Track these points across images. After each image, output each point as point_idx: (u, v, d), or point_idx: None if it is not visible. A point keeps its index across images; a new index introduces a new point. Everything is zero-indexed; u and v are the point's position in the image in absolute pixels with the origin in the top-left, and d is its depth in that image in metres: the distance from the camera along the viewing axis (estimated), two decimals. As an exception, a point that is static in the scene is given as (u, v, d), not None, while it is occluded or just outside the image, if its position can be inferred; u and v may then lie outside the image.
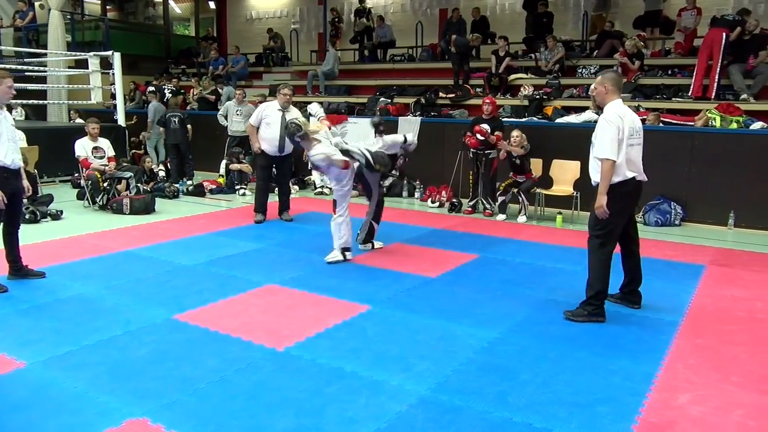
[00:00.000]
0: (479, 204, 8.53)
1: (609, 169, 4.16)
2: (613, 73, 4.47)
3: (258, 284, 5.02)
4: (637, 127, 4.33)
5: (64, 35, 14.07)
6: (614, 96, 4.27)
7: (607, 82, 4.28)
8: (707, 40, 9.17)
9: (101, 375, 3.36)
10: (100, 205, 8.27)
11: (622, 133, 4.14)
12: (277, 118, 7.38)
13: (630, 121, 4.23)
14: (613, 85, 4.28)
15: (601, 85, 4.31)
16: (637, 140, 4.30)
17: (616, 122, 4.15)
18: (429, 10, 15.08)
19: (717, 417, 3.02)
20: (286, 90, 7.55)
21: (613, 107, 4.23)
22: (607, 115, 4.20)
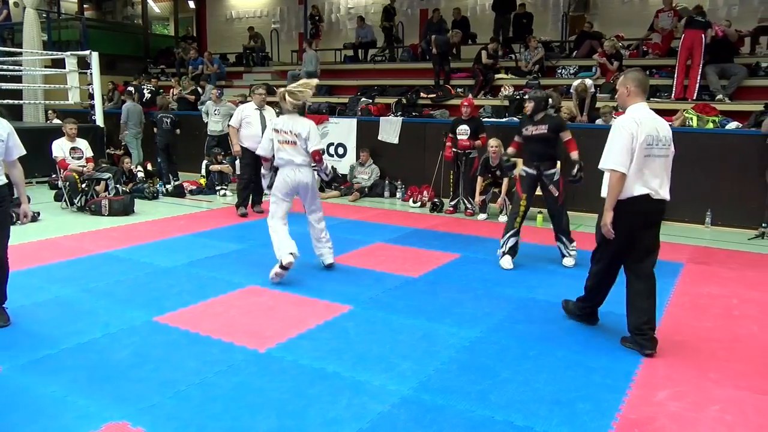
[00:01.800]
0: (460, 204, 8.57)
1: (616, 183, 3.64)
2: (637, 73, 3.87)
3: (239, 285, 4.99)
4: (662, 135, 3.68)
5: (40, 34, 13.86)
6: (638, 98, 3.77)
7: (630, 83, 3.77)
8: (686, 41, 9.31)
9: (80, 379, 3.31)
10: (79, 207, 8.17)
11: (636, 141, 3.59)
12: (256, 116, 7.86)
13: (650, 127, 3.64)
14: (637, 85, 3.76)
15: (623, 86, 3.81)
16: (659, 151, 3.67)
17: (630, 128, 3.61)
18: (410, 11, 15.11)
19: (694, 412, 3.07)
20: (261, 90, 8.04)
21: (633, 111, 3.73)
22: (621, 120, 3.73)
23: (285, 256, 4.95)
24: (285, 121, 5.20)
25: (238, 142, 8.01)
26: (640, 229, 3.75)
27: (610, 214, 3.69)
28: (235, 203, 8.25)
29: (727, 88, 9.17)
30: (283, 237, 5.11)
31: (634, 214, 3.69)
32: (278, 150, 5.20)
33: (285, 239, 5.09)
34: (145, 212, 8.16)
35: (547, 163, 5.68)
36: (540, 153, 5.66)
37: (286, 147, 5.16)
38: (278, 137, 5.19)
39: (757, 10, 10.74)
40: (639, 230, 3.75)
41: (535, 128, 5.64)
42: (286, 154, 5.17)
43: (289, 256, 4.95)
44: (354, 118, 10.55)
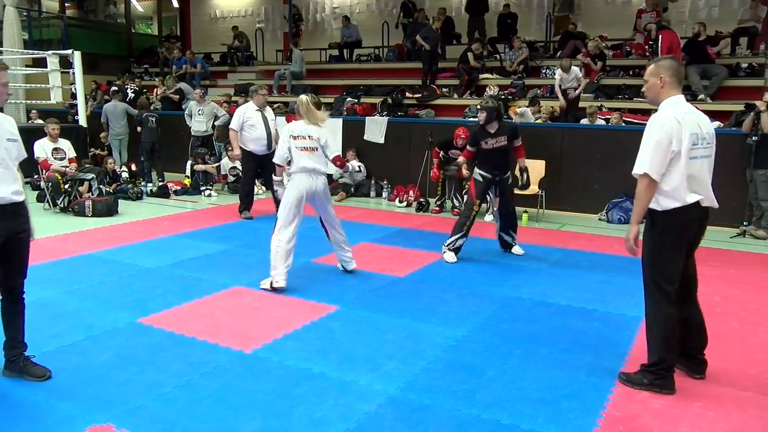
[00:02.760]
0: (447, 203, 8.58)
1: (646, 190, 3.17)
2: (671, 60, 3.28)
3: (224, 286, 4.97)
4: (704, 132, 3.17)
5: (21, 32, 13.68)
6: (673, 90, 3.19)
7: (664, 72, 3.17)
8: (664, 42, 9.42)
9: (62, 382, 3.27)
10: (62, 208, 8.08)
11: (679, 142, 3.07)
12: (258, 117, 7.62)
13: (693, 124, 3.12)
14: (672, 75, 3.18)
15: (655, 75, 3.20)
16: (704, 151, 3.17)
17: (670, 128, 3.07)
18: (395, 11, 15.10)
19: (677, 409, 3.10)
20: (264, 91, 7.83)
21: (670, 106, 3.17)
22: (658, 116, 3.16)
23: (279, 281, 4.79)
24: (302, 127, 4.95)
25: (239, 146, 7.73)
26: (692, 239, 3.26)
27: (635, 228, 3.24)
28: (238, 207, 8.02)
29: (708, 88, 9.28)
30: (284, 258, 4.81)
31: (686, 225, 3.19)
32: (299, 157, 4.90)
33: (284, 262, 4.81)
34: (129, 213, 8.09)
35: (504, 170, 5.98)
36: (500, 163, 5.93)
37: (306, 154, 4.90)
38: (297, 144, 4.91)
39: (737, 11, 10.87)
40: (692, 241, 3.27)
41: (495, 141, 5.83)
42: (309, 161, 4.90)
43: (283, 283, 4.79)
44: (340, 118, 10.53)
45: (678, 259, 3.21)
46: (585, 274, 5.53)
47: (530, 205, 8.13)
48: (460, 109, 10.67)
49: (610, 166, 8.25)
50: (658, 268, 3.24)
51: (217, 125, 10.75)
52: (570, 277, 5.40)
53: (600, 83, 10.34)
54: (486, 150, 5.84)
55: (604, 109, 9.36)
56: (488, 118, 5.78)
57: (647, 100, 3.41)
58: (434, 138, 8.98)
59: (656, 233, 3.23)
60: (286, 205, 4.91)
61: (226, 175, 10.22)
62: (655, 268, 3.25)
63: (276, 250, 4.83)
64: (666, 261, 3.21)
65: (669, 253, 3.20)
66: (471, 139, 5.98)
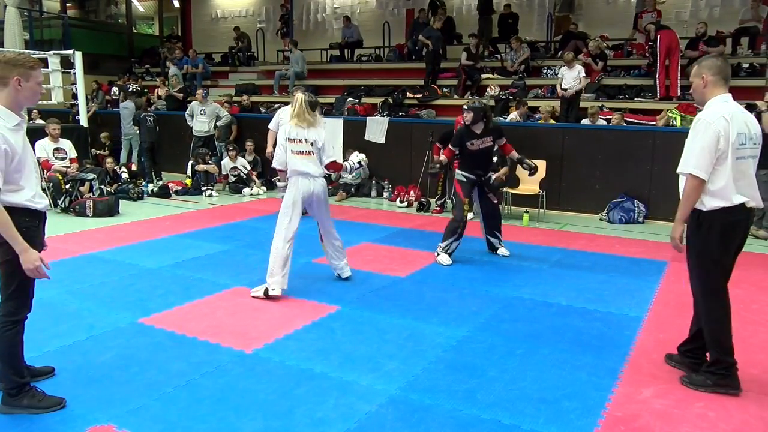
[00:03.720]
0: (447, 203, 8.58)
1: (693, 190, 3.11)
2: (714, 59, 3.24)
3: (225, 286, 4.97)
4: (752, 132, 3.15)
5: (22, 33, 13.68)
6: (719, 89, 3.16)
7: (706, 71, 3.16)
8: (662, 42, 9.43)
9: (64, 381, 3.27)
10: (63, 208, 8.09)
11: (726, 141, 3.03)
12: None
13: (741, 123, 3.10)
14: (716, 73, 3.15)
15: (698, 76, 3.19)
16: (751, 151, 3.14)
17: (718, 126, 3.04)
18: (396, 11, 15.12)
19: (679, 409, 3.10)
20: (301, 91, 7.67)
21: (717, 105, 3.14)
22: (705, 114, 3.12)
23: (276, 289, 4.62)
24: (298, 130, 4.78)
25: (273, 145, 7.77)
26: (740, 240, 3.22)
27: (680, 227, 3.21)
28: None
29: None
30: (282, 265, 4.65)
31: (733, 226, 3.15)
32: (293, 161, 4.76)
33: (282, 268, 4.66)
34: (130, 213, 8.09)
35: (486, 170, 6.04)
36: (484, 164, 5.96)
37: (301, 158, 4.76)
38: (292, 147, 4.77)
39: (738, 11, 10.86)
40: (740, 242, 3.22)
41: (481, 142, 5.84)
42: (302, 165, 4.76)
43: (280, 290, 4.64)
44: (340, 118, 10.54)
45: (726, 260, 3.21)
46: (586, 274, 5.53)
47: (531, 205, 8.13)
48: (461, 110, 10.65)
49: (611, 166, 8.25)
50: (706, 268, 3.23)
51: (219, 125, 10.77)
52: (571, 278, 5.40)
53: (601, 83, 10.33)
54: (471, 151, 5.83)
55: (605, 109, 9.36)
56: (475, 118, 5.77)
57: (695, 101, 3.39)
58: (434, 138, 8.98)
59: (702, 234, 3.19)
60: (282, 208, 4.81)
61: (227, 176, 10.23)
62: (703, 269, 3.24)
63: (274, 256, 4.68)
64: (714, 262, 3.20)
65: (716, 254, 3.19)
66: (456, 139, 5.93)
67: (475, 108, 5.80)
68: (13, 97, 2.80)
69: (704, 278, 3.26)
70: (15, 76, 2.77)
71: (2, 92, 2.78)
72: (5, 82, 2.77)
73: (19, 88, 2.79)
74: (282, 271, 4.66)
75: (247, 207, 8.87)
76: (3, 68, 2.77)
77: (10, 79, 2.77)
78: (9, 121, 2.78)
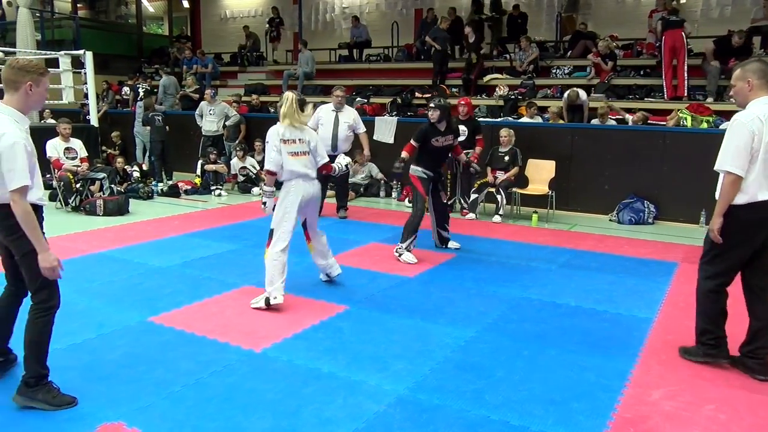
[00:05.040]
0: (456, 203, 8.57)
1: (730, 187, 3.26)
2: (758, 63, 3.35)
3: (234, 286, 4.98)
4: None
5: (34, 33, 13.78)
6: (762, 92, 3.28)
7: (752, 76, 3.28)
8: (667, 42, 9.39)
9: (73, 379, 3.29)
10: (73, 207, 8.14)
11: (759, 141, 3.20)
12: (330, 118, 7.76)
13: None
14: (761, 77, 3.27)
15: (743, 80, 3.32)
16: None
17: (752, 126, 3.20)
18: (404, 11, 15.11)
19: (689, 412, 3.08)
20: (339, 91, 7.85)
21: (756, 106, 3.27)
22: (742, 115, 3.28)
23: (278, 297, 4.43)
24: (292, 130, 4.59)
25: None
26: (758, 236, 3.33)
27: (719, 220, 3.34)
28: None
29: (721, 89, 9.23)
30: (281, 271, 4.50)
31: (752, 223, 3.31)
32: (290, 163, 4.54)
33: (282, 275, 4.50)
34: (140, 212, 8.13)
35: (441, 167, 6.26)
36: (442, 161, 6.20)
37: (297, 159, 4.57)
38: (287, 148, 4.54)
39: (750, 10, 10.77)
40: (758, 239, 3.34)
41: (445, 139, 5.99)
42: (300, 167, 4.57)
43: (282, 298, 4.44)
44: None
45: (738, 253, 3.38)
46: (595, 274, 5.51)
47: (540, 205, 8.11)
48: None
49: (620, 166, 8.21)
50: (714, 252, 3.45)
51: (228, 125, 10.81)
52: (580, 278, 5.38)
53: (611, 83, 10.28)
54: (434, 147, 5.97)
55: (614, 109, 9.32)
56: (441, 116, 5.89)
57: (736, 103, 3.51)
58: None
59: (725, 225, 3.36)
60: (285, 214, 4.55)
61: (236, 175, 10.26)
62: (711, 252, 3.48)
63: (273, 264, 4.48)
64: (724, 252, 3.40)
65: (731, 244, 3.36)
66: (419, 135, 6.02)
67: (442, 106, 5.91)
68: (23, 101, 2.92)
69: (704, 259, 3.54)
70: (28, 81, 2.88)
71: (14, 96, 2.89)
72: (17, 86, 2.87)
73: (30, 93, 2.91)
74: (281, 278, 4.49)
75: (255, 206, 8.87)
76: (16, 74, 2.87)
77: (22, 84, 2.87)
78: (23, 124, 2.92)
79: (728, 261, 3.43)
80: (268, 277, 4.49)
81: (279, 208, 4.61)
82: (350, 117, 7.90)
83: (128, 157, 12.02)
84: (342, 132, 7.77)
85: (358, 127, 7.97)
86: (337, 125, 7.74)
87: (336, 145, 7.73)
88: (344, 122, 7.79)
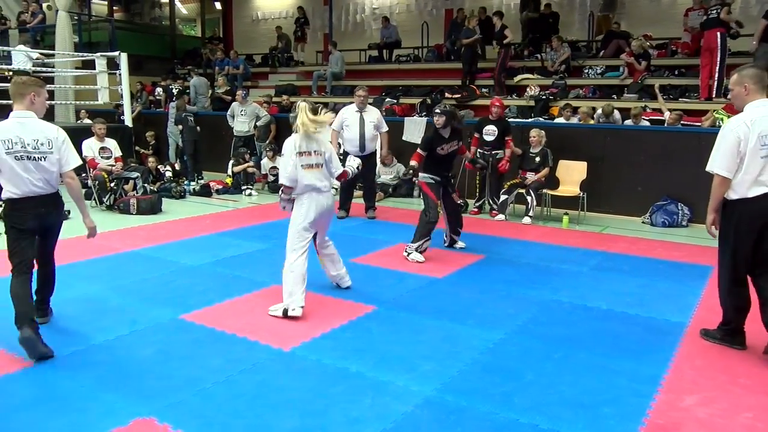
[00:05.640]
0: (485, 204, 8.52)
1: (718, 186, 3.62)
2: (753, 69, 3.67)
3: (263, 284, 5.03)
4: None
5: (72, 36, 14.11)
6: (757, 95, 3.57)
7: (748, 81, 3.58)
8: (705, 42, 9.20)
9: (108, 374, 3.37)
10: (107, 205, 8.30)
11: (746, 144, 3.47)
12: (355, 119, 7.79)
13: (764, 126, 3.48)
14: (756, 82, 3.57)
15: (740, 85, 3.62)
16: None
17: (737, 131, 3.48)
18: (434, 11, 15.08)
19: (724, 419, 3.01)
20: (361, 91, 7.90)
21: (748, 110, 3.55)
22: (731, 122, 3.59)
23: (297, 309, 4.29)
24: (307, 143, 4.42)
25: (337, 145, 7.98)
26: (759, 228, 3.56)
27: (711, 216, 3.73)
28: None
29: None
30: (301, 282, 4.36)
31: (750, 215, 3.56)
32: (304, 176, 4.39)
33: (301, 285, 4.37)
34: (172, 211, 8.26)
35: (450, 172, 6.26)
36: (449, 166, 6.17)
37: (312, 171, 4.42)
38: (302, 161, 4.38)
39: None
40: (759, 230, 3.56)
41: (449, 146, 5.97)
42: (315, 179, 4.42)
43: (300, 310, 4.30)
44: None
45: (742, 244, 3.64)
46: (627, 277, 5.42)
47: (571, 207, 8.01)
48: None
49: (654, 168, 8.06)
50: (723, 248, 3.76)
51: (259, 125, 10.92)
52: (611, 281, 5.30)
53: (644, 83, 10.11)
54: (440, 155, 5.95)
55: (648, 109, 9.16)
56: (446, 122, 5.86)
57: (735, 107, 3.80)
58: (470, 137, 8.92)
59: (725, 220, 3.72)
60: (298, 229, 4.43)
61: (266, 175, 10.36)
62: (721, 249, 3.78)
63: (290, 275, 4.35)
64: (729, 245, 3.69)
65: (733, 238, 3.67)
66: (425, 144, 6.02)
67: (447, 112, 5.91)
68: (29, 108, 3.75)
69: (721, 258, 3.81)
70: (31, 92, 3.74)
71: (22, 104, 3.74)
72: (23, 97, 3.73)
73: (34, 101, 3.77)
74: (301, 288, 4.36)
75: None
76: (22, 87, 3.74)
77: (27, 95, 3.73)
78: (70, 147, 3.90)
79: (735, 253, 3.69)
80: (287, 288, 4.35)
81: (291, 226, 4.49)
82: (374, 116, 7.94)
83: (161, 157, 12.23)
84: (368, 132, 7.80)
85: (381, 126, 8.00)
86: (363, 125, 7.77)
87: (364, 145, 7.78)
88: (369, 122, 7.81)
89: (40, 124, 3.74)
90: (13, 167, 3.62)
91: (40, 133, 3.71)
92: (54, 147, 3.75)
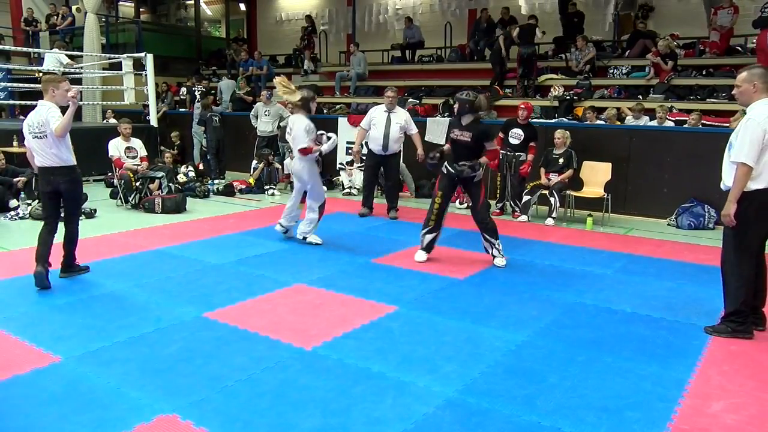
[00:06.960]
0: (507, 206, 8.47)
1: (743, 176, 3.79)
2: (762, 69, 3.93)
3: (286, 284, 5.06)
4: None
5: (99, 37, 14.34)
6: (765, 94, 3.83)
7: (757, 79, 3.83)
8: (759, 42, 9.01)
9: (132, 371, 3.41)
10: (133, 204, 8.41)
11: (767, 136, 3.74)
12: (382, 119, 7.91)
13: None
14: (764, 81, 3.83)
15: (749, 82, 3.86)
16: None
17: (765, 124, 3.73)
18: (458, 11, 15.03)
19: (753, 426, 2.95)
20: (390, 92, 8.01)
21: (761, 107, 3.81)
22: (753, 114, 3.80)
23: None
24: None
25: (360, 143, 8.26)
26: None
27: (733, 206, 3.85)
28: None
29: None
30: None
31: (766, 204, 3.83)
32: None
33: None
34: (197, 210, 8.35)
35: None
36: (462, 156, 5.65)
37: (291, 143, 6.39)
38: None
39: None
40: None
41: (461, 133, 5.64)
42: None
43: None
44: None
45: (757, 232, 3.90)
46: (652, 280, 5.35)
47: (595, 208, 7.93)
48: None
49: (680, 169, 7.95)
50: (740, 237, 3.92)
51: (282, 126, 10.98)
52: (636, 284, 5.23)
53: (671, 83, 9.96)
54: (453, 140, 5.74)
55: (675, 110, 9.02)
56: (459, 110, 5.70)
57: (739, 102, 4.06)
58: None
59: (743, 209, 3.86)
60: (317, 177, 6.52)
61: (289, 175, 10.40)
62: (737, 236, 3.93)
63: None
64: (746, 233, 3.90)
65: (749, 226, 3.87)
66: (448, 129, 5.92)
67: (461, 99, 5.71)
68: (50, 99, 4.73)
69: (737, 244, 3.94)
70: (51, 87, 4.70)
71: (47, 96, 4.72)
72: (47, 91, 4.72)
73: (54, 94, 4.70)
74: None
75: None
76: (44, 84, 4.78)
77: (48, 89, 4.71)
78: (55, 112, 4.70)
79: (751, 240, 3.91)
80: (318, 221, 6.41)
81: (318, 179, 6.57)
82: (402, 118, 7.94)
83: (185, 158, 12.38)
84: (393, 132, 7.82)
85: (410, 128, 7.99)
86: (388, 125, 7.81)
87: (387, 145, 7.82)
88: (396, 123, 7.84)
89: (43, 108, 4.68)
90: (33, 146, 4.76)
91: (39, 116, 4.68)
92: (45, 126, 4.64)
